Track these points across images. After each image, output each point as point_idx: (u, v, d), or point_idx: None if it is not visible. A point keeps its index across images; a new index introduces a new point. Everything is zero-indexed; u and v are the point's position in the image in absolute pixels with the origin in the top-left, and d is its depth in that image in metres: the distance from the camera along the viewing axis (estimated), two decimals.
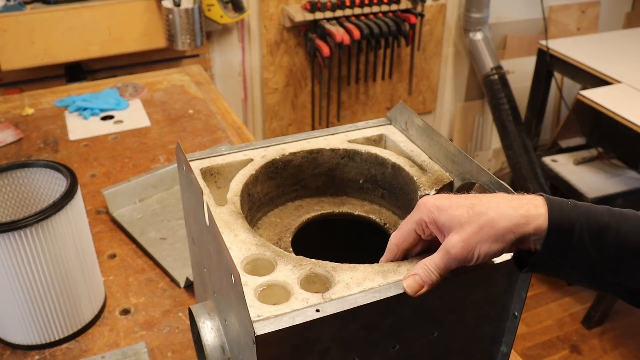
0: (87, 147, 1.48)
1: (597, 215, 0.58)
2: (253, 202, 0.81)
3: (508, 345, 0.75)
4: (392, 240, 0.66)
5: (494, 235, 0.58)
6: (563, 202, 0.58)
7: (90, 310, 0.98)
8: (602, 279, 0.59)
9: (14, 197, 0.96)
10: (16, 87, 2.15)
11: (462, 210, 0.59)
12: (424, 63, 2.90)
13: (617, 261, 0.57)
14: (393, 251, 0.66)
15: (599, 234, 0.57)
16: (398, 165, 0.82)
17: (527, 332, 2.43)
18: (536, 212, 0.58)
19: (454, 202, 0.60)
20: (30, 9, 2.01)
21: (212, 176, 0.81)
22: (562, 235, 0.57)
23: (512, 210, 0.58)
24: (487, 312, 0.71)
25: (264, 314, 0.57)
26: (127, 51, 2.18)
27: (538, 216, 0.57)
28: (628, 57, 2.51)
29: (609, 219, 0.57)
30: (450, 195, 0.62)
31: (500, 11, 2.93)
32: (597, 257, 0.57)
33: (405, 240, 0.65)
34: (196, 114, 1.64)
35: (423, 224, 0.62)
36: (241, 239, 0.68)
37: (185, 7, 2.11)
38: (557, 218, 0.57)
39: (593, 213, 0.58)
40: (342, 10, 2.47)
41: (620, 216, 0.58)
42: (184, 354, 0.93)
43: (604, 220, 0.57)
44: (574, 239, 0.57)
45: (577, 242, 0.57)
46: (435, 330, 0.66)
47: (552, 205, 0.58)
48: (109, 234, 1.19)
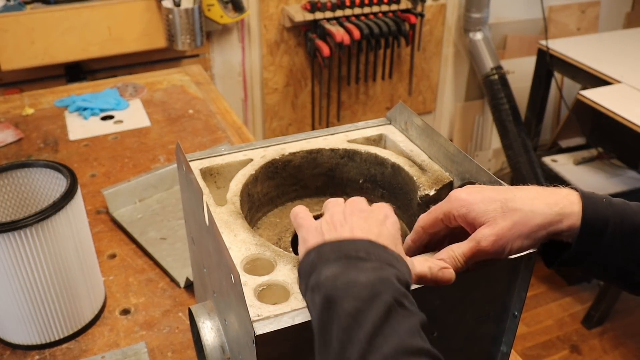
0: (87, 147, 1.48)
1: (632, 214, 0.57)
2: (253, 202, 0.82)
3: (508, 344, 0.75)
4: (419, 223, 0.65)
5: (527, 233, 0.58)
6: (598, 200, 0.58)
7: (90, 310, 0.98)
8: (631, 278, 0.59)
9: (14, 197, 0.96)
10: (16, 87, 2.15)
11: (496, 205, 0.58)
12: (424, 63, 2.90)
13: None
14: (419, 233, 0.66)
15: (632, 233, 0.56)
16: (398, 165, 0.82)
17: (527, 332, 2.43)
18: (571, 210, 0.57)
19: (486, 196, 0.59)
20: (30, 9, 2.01)
21: (211, 176, 0.81)
22: (595, 234, 0.56)
23: (547, 208, 0.57)
24: (487, 312, 0.71)
25: (263, 314, 0.57)
26: (127, 51, 2.18)
27: (572, 214, 0.57)
28: (628, 57, 2.51)
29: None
30: (482, 188, 0.61)
31: (500, 11, 2.93)
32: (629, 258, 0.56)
33: (431, 226, 0.64)
34: (196, 114, 1.64)
35: (451, 217, 0.62)
36: (241, 238, 0.68)
37: (185, 7, 2.11)
38: (592, 217, 0.56)
39: (628, 212, 0.57)
40: (342, 10, 2.47)
41: None
42: (184, 354, 0.93)
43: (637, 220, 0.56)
44: (606, 238, 0.57)
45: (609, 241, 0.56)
46: (435, 330, 0.66)
47: (586, 204, 0.57)
48: (109, 234, 1.19)
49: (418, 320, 0.49)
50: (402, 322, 0.48)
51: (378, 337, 0.47)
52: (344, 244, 0.53)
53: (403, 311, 0.49)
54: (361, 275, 0.50)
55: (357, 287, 0.49)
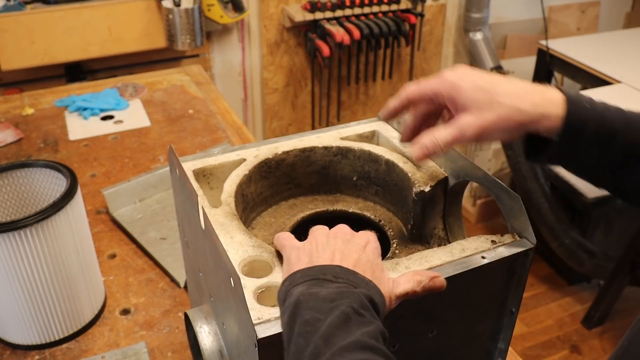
0: (87, 147, 1.48)
1: (610, 121, 0.58)
2: (247, 202, 0.81)
3: (506, 341, 0.75)
4: (407, 91, 0.66)
5: (508, 128, 0.60)
6: (581, 104, 0.59)
7: (90, 310, 0.98)
8: (603, 178, 0.62)
9: (14, 197, 0.96)
10: (16, 87, 2.15)
11: (485, 95, 0.60)
12: (424, 63, 2.90)
13: (621, 165, 0.59)
14: (403, 102, 0.67)
15: (608, 138, 0.58)
16: (392, 162, 0.82)
17: (527, 332, 2.43)
18: (554, 112, 0.59)
19: (477, 84, 0.61)
20: (30, 9, 2.01)
21: (204, 177, 0.81)
22: (574, 137, 0.59)
23: (532, 107, 0.59)
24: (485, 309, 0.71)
25: (264, 317, 0.57)
26: (127, 51, 2.18)
27: (553, 116, 0.59)
28: (628, 57, 2.51)
29: (621, 125, 0.58)
30: (474, 74, 0.62)
31: (500, 11, 2.93)
32: (603, 160, 0.59)
33: (418, 98, 0.66)
34: (196, 114, 1.64)
35: (439, 96, 0.63)
36: (237, 240, 0.68)
37: (185, 7, 2.11)
38: (572, 121, 0.58)
39: (607, 117, 0.58)
40: (342, 10, 2.47)
41: (633, 123, 0.58)
42: (184, 354, 0.93)
43: (614, 127, 0.58)
44: (583, 142, 0.59)
45: (586, 144, 0.59)
46: (434, 328, 0.67)
47: (570, 108, 0.58)
48: (109, 234, 1.19)
49: (376, 328, 0.50)
50: (359, 326, 0.49)
51: (334, 336, 0.48)
52: (314, 269, 0.56)
53: (361, 319, 0.50)
54: (323, 290, 0.52)
55: (318, 300, 0.51)
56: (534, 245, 0.68)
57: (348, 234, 0.62)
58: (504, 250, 0.67)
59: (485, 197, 3.03)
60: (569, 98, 0.59)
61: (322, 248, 0.59)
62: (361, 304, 0.51)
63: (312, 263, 0.57)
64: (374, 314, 0.52)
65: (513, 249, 0.68)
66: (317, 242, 0.61)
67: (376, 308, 0.53)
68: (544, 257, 2.78)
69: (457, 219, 0.83)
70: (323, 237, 0.61)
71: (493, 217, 3.07)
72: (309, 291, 0.52)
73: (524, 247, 0.68)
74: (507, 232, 0.71)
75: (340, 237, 0.61)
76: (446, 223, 0.83)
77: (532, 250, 0.68)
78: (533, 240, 0.69)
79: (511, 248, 0.68)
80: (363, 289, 0.53)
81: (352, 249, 0.59)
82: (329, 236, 0.61)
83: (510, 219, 0.71)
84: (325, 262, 0.57)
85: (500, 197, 0.72)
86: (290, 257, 0.60)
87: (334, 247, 0.59)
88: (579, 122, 0.58)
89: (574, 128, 0.59)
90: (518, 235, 0.70)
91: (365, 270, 0.57)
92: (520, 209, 0.69)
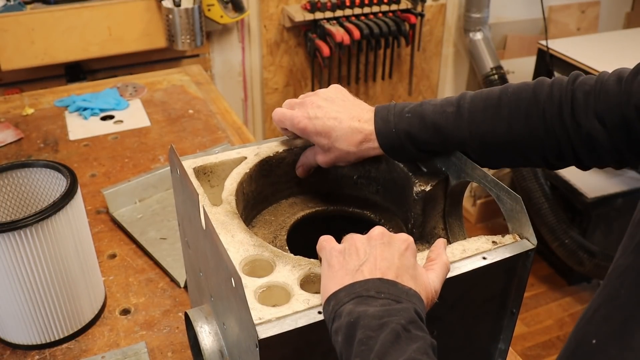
0: (87, 147, 1.48)
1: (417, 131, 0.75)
2: (247, 200, 0.81)
3: (506, 342, 0.75)
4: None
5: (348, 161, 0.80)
6: (389, 130, 0.75)
7: (90, 310, 0.98)
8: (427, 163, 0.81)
9: (14, 197, 0.96)
10: (16, 87, 2.15)
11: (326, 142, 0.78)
12: (424, 63, 2.90)
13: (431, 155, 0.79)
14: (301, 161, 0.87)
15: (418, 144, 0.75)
16: (392, 161, 0.82)
17: (527, 332, 2.43)
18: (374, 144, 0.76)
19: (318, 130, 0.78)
20: (30, 9, 2.01)
21: (205, 175, 0.81)
22: (395, 154, 0.78)
23: (357, 147, 0.77)
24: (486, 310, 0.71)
25: (265, 317, 0.57)
26: (127, 51, 2.18)
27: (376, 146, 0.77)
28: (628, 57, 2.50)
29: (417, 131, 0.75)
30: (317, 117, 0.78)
31: (500, 11, 2.93)
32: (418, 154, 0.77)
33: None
34: (196, 114, 1.64)
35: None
36: (238, 239, 0.68)
37: (185, 7, 2.11)
38: (387, 144, 0.76)
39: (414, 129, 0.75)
40: (342, 10, 2.47)
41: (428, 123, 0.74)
42: (184, 354, 0.93)
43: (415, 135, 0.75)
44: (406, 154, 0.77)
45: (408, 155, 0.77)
46: (435, 328, 0.66)
47: (380, 138, 0.76)
48: (109, 234, 1.19)
49: (427, 343, 0.53)
50: (410, 344, 0.52)
51: (388, 355, 0.51)
52: (357, 285, 0.58)
53: (410, 335, 0.53)
54: (370, 308, 0.55)
55: (367, 318, 0.54)
56: (535, 246, 0.68)
57: (386, 237, 0.63)
58: (505, 251, 0.67)
59: (485, 197, 3.03)
60: (377, 128, 0.76)
61: (364, 255, 0.60)
62: (408, 319, 0.54)
63: (354, 276, 0.58)
64: (421, 324, 0.55)
65: (514, 249, 0.68)
66: (357, 249, 0.61)
67: (420, 317, 0.56)
68: (544, 257, 2.78)
69: (458, 219, 0.83)
70: (363, 245, 0.62)
71: (493, 217, 3.07)
72: (357, 310, 0.55)
73: (525, 248, 0.68)
74: (508, 233, 0.71)
75: (379, 242, 0.62)
76: (446, 223, 0.83)
77: (532, 251, 0.68)
78: (534, 241, 0.68)
79: (512, 249, 0.68)
80: (406, 303, 0.56)
81: (394, 255, 0.60)
82: (369, 242, 0.62)
83: (511, 220, 0.71)
84: (367, 275, 0.58)
85: (500, 197, 0.72)
86: (332, 262, 0.61)
87: (375, 255, 0.60)
88: (394, 149, 0.76)
89: (394, 155, 0.78)
90: (519, 236, 0.70)
91: (406, 278, 0.59)
92: (520, 209, 0.69)
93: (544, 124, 0.71)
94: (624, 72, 0.68)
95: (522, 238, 0.69)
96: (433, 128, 0.74)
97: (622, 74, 0.68)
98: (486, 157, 0.75)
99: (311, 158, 0.83)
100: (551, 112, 0.71)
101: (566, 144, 0.71)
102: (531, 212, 2.50)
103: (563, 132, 0.70)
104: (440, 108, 0.75)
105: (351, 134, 0.76)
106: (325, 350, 0.59)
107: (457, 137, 0.74)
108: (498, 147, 0.73)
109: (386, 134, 0.75)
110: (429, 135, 0.74)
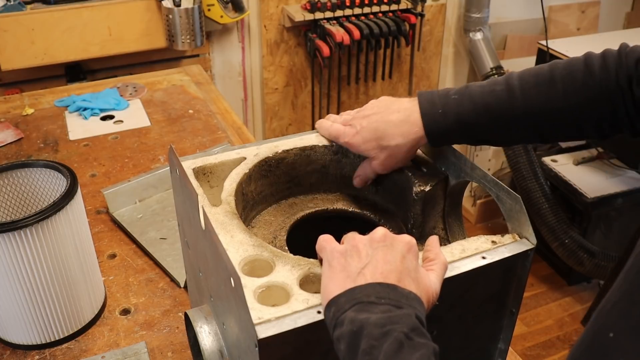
0: (87, 147, 1.48)
1: (464, 117, 0.75)
2: (247, 201, 0.81)
3: (506, 342, 0.75)
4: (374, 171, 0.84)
5: (399, 159, 0.79)
6: (437, 117, 0.75)
7: (90, 310, 0.98)
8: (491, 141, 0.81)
9: (14, 197, 0.96)
10: (16, 87, 2.15)
11: (373, 144, 0.79)
12: (424, 63, 2.90)
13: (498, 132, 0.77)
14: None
15: (468, 130, 0.75)
16: None
17: (527, 332, 2.43)
18: (421, 134, 0.76)
19: (366, 140, 0.80)
20: (30, 9, 2.01)
21: (204, 175, 0.80)
22: (443, 140, 0.78)
23: (405, 139, 0.76)
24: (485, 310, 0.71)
25: (264, 317, 0.57)
26: (127, 51, 2.18)
27: (422, 137, 0.76)
28: None
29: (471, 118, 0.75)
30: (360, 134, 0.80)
31: (500, 11, 2.93)
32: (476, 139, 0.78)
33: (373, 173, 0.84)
34: (196, 114, 1.64)
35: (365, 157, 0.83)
36: (238, 240, 0.68)
37: (185, 7, 2.11)
38: (434, 134, 0.76)
39: (461, 115, 0.74)
40: (342, 10, 2.47)
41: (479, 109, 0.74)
42: (184, 354, 0.93)
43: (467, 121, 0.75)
44: (453, 139, 0.77)
45: (456, 139, 0.77)
46: (434, 328, 0.67)
47: (427, 127, 0.75)
48: (109, 234, 1.19)
49: (429, 350, 0.53)
50: (413, 352, 0.52)
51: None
52: (357, 290, 0.57)
53: (412, 343, 0.53)
54: (372, 316, 0.54)
55: (369, 326, 0.53)
56: (535, 245, 0.68)
57: (389, 239, 0.62)
58: (505, 250, 0.67)
59: (485, 197, 3.03)
60: (424, 115, 0.75)
61: (366, 257, 0.60)
62: (409, 326, 0.54)
63: (356, 280, 0.58)
64: (422, 330, 0.55)
65: (513, 249, 0.68)
66: (359, 251, 0.61)
67: (421, 321, 0.56)
68: (544, 257, 2.78)
69: (457, 219, 0.83)
70: (365, 247, 0.61)
71: (493, 217, 3.07)
72: (359, 318, 0.54)
73: (525, 247, 0.68)
74: (507, 232, 0.71)
75: (382, 245, 0.61)
76: (446, 223, 0.83)
77: (532, 250, 0.68)
78: (533, 240, 0.69)
79: (511, 248, 0.68)
80: (406, 309, 0.56)
81: (396, 258, 0.60)
82: (371, 244, 0.61)
83: (511, 219, 0.71)
84: (369, 278, 0.58)
85: (500, 197, 0.72)
86: (332, 264, 0.60)
87: (377, 258, 0.60)
88: (439, 133, 0.76)
89: (438, 138, 0.77)
90: (518, 236, 0.70)
91: (408, 281, 0.59)
92: (520, 209, 0.69)
93: (601, 93, 0.72)
94: None
95: (521, 238, 0.69)
96: (484, 108, 0.73)
97: None
98: (539, 132, 0.75)
99: (367, 168, 0.82)
100: (607, 81, 0.72)
101: (622, 110, 0.72)
102: (531, 212, 2.50)
103: (619, 99, 0.72)
104: (489, 87, 0.75)
105: (394, 126, 0.76)
106: (325, 350, 0.59)
107: (510, 114, 0.74)
108: (554, 121, 0.74)
109: (432, 116, 0.75)
110: (479, 116, 0.73)
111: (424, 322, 0.56)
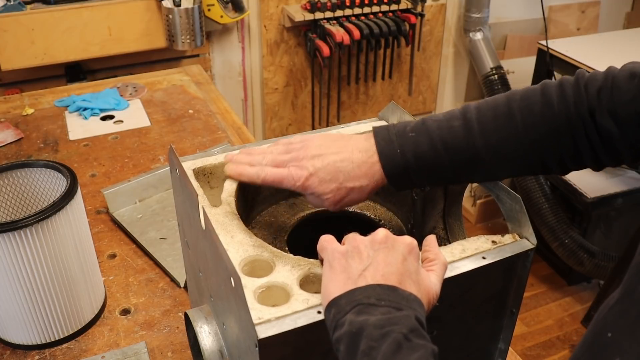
0: (87, 147, 1.48)
1: (427, 157, 0.71)
2: (247, 201, 0.81)
3: (506, 342, 0.75)
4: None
5: (361, 199, 0.75)
6: (395, 158, 0.71)
7: (90, 310, 0.98)
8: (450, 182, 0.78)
9: (14, 197, 0.96)
10: (16, 87, 2.15)
11: (333, 186, 0.73)
12: (424, 63, 2.90)
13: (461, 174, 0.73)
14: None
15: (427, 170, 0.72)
16: None
17: (527, 332, 2.43)
18: (381, 175, 0.72)
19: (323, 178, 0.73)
20: (30, 9, 2.01)
21: (204, 176, 0.81)
22: (404, 182, 0.73)
23: (368, 180, 0.72)
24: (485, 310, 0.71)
25: (264, 317, 0.57)
26: (127, 51, 2.18)
27: (382, 177, 0.72)
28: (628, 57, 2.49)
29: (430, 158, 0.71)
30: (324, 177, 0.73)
31: (500, 11, 2.93)
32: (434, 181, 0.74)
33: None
34: (196, 114, 1.64)
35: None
36: (238, 240, 0.68)
37: (185, 7, 2.11)
38: (394, 175, 0.72)
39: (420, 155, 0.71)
40: (342, 10, 2.47)
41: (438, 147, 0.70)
42: (184, 354, 0.93)
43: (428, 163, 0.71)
44: (414, 181, 0.73)
45: (418, 181, 0.73)
46: (435, 328, 0.67)
47: (387, 171, 0.72)
48: (109, 234, 1.19)
49: (428, 351, 0.53)
50: (412, 353, 0.52)
51: None
52: (357, 292, 0.57)
53: (411, 344, 0.53)
54: (371, 317, 0.55)
55: (369, 328, 0.54)
56: (535, 245, 0.68)
57: (390, 241, 0.62)
58: (505, 250, 0.67)
59: (485, 197, 3.03)
60: (381, 155, 0.71)
61: (367, 259, 0.60)
62: (409, 327, 0.54)
63: (357, 281, 0.58)
64: (422, 332, 0.55)
65: (513, 249, 0.68)
66: (360, 252, 0.61)
67: (421, 323, 0.56)
68: (544, 257, 2.78)
69: (457, 219, 0.83)
70: (366, 248, 0.61)
71: (493, 217, 3.07)
72: (358, 320, 0.54)
73: (525, 247, 0.68)
74: (507, 232, 0.71)
75: (383, 246, 0.61)
76: (446, 223, 0.83)
77: (532, 250, 0.68)
78: (534, 240, 0.69)
79: (511, 248, 0.68)
80: (406, 310, 0.56)
81: (397, 260, 0.60)
82: (373, 245, 0.61)
83: (511, 219, 0.71)
84: (370, 280, 0.58)
85: (500, 197, 0.72)
86: (333, 264, 0.60)
87: (378, 260, 0.60)
88: (398, 174, 0.71)
89: (398, 180, 0.72)
90: (518, 236, 0.70)
91: (409, 283, 0.59)
92: (520, 209, 0.69)
93: (561, 125, 0.69)
94: (636, 68, 0.68)
95: (521, 238, 0.69)
96: (442, 145, 0.70)
97: (634, 69, 0.68)
98: (500, 168, 0.72)
99: (318, 204, 0.77)
100: (567, 112, 0.69)
101: (584, 143, 0.69)
102: (531, 212, 2.50)
103: (581, 130, 0.69)
104: (446, 123, 0.71)
105: (357, 167, 0.72)
106: (325, 350, 0.59)
107: (468, 151, 0.70)
108: (514, 156, 0.70)
109: (391, 156, 0.71)
110: (438, 154, 0.70)
111: (423, 324, 0.56)
